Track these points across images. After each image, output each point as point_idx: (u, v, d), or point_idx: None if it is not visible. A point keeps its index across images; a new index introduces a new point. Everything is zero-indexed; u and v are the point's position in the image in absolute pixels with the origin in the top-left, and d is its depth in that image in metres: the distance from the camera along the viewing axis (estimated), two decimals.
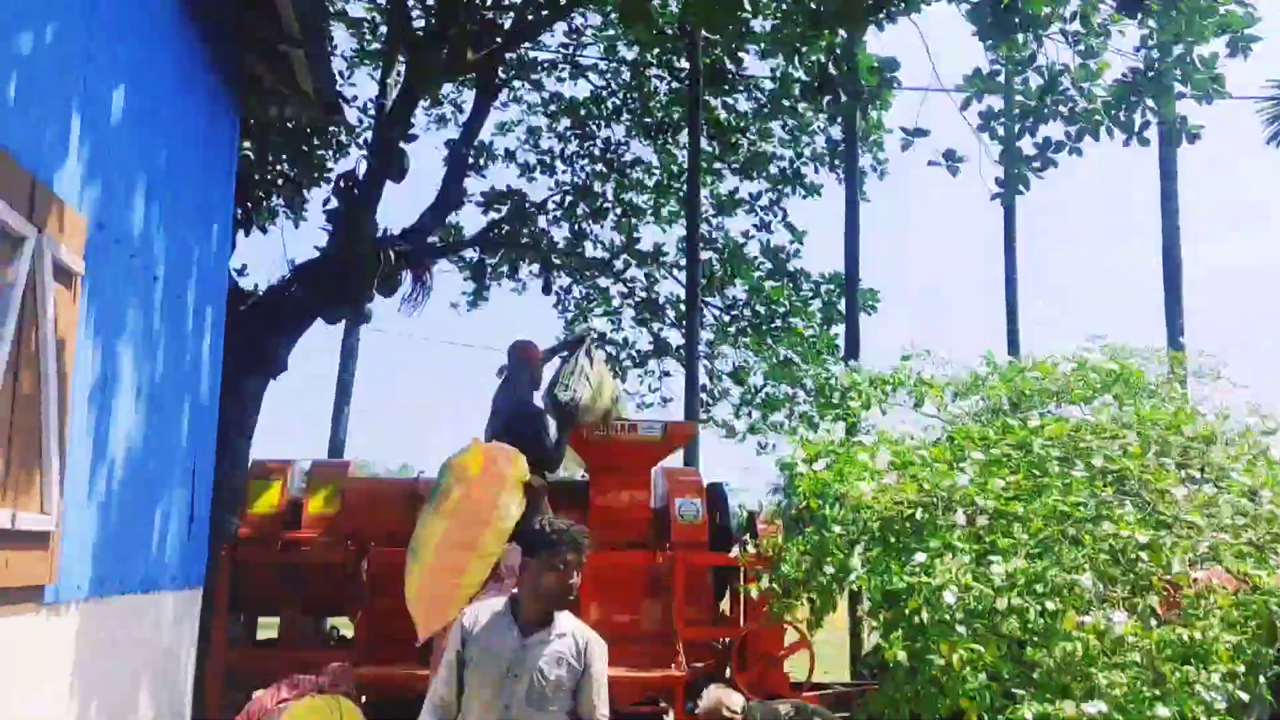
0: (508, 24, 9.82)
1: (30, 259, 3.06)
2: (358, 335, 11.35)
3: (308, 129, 9.65)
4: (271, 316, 8.62)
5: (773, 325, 14.23)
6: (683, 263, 13.54)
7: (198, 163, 5.22)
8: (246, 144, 8.59)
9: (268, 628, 8.11)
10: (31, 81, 3.33)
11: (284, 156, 9.75)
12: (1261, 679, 4.70)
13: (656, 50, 12.92)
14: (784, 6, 9.08)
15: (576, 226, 13.86)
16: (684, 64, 12.91)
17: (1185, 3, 7.06)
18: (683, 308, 13.53)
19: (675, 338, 14.96)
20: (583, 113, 13.93)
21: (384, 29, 11.42)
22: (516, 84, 14.04)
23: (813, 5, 8.07)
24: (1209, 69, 7.34)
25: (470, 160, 11.99)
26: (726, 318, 14.90)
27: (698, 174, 11.82)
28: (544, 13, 9.63)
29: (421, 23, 10.31)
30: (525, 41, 11.28)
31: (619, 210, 14.29)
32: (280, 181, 9.71)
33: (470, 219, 37.57)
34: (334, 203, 9.30)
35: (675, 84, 13.81)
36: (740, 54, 12.21)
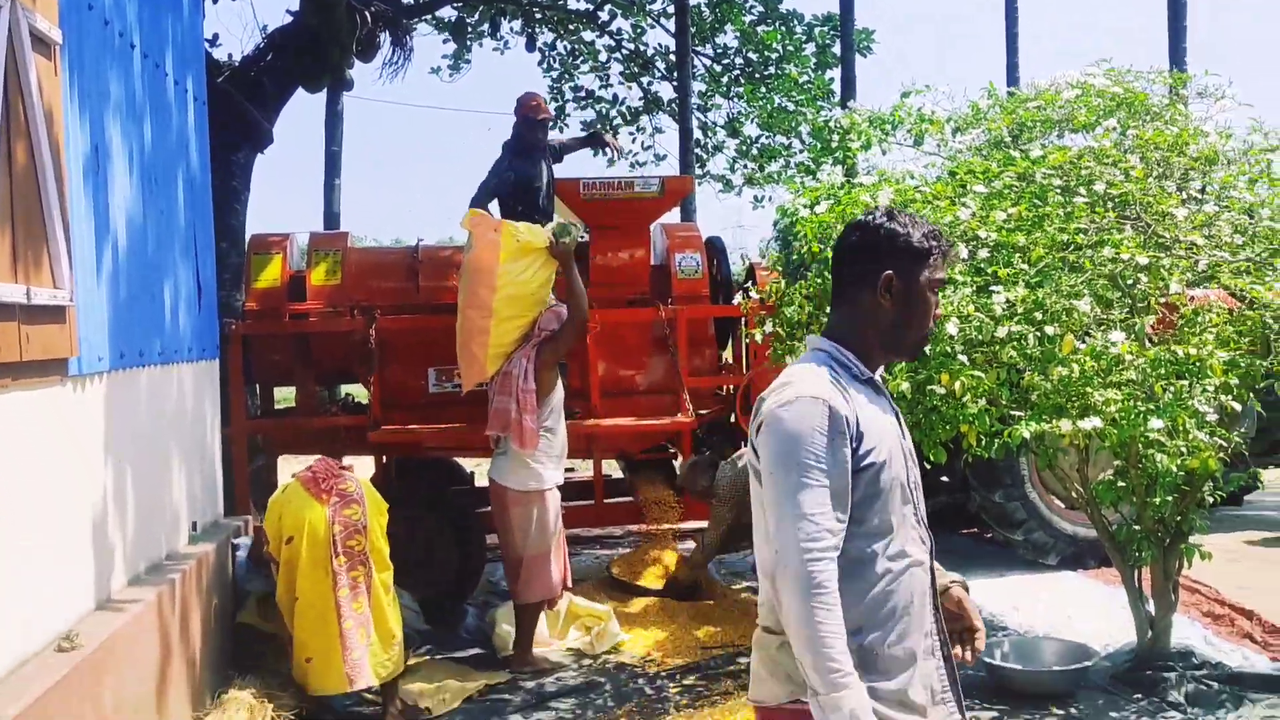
0: None
1: (7, 27, 2.94)
2: (342, 104, 11.06)
3: None
4: (251, 86, 8.40)
5: (766, 73, 13.83)
6: (670, 10, 13.01)
7: None
8: None
9: (284, 400, 8.35)
10: None
11: None
12: (1252, 395, 4.88)
13: None
14: None
15: None
16: None
17: None
18: (672, 59, 13.12)
19: (666, 91, 14.58)
20: None
21: None
22: None
23: None
24: None
25: None
26: (718, 68, 14.48)
27: None
28: None
29: None
30: None
31: None
32: None
33: None
34: None
35: None
36: None
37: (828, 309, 5.29)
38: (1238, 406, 4.28)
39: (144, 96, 4.53)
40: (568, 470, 8.45)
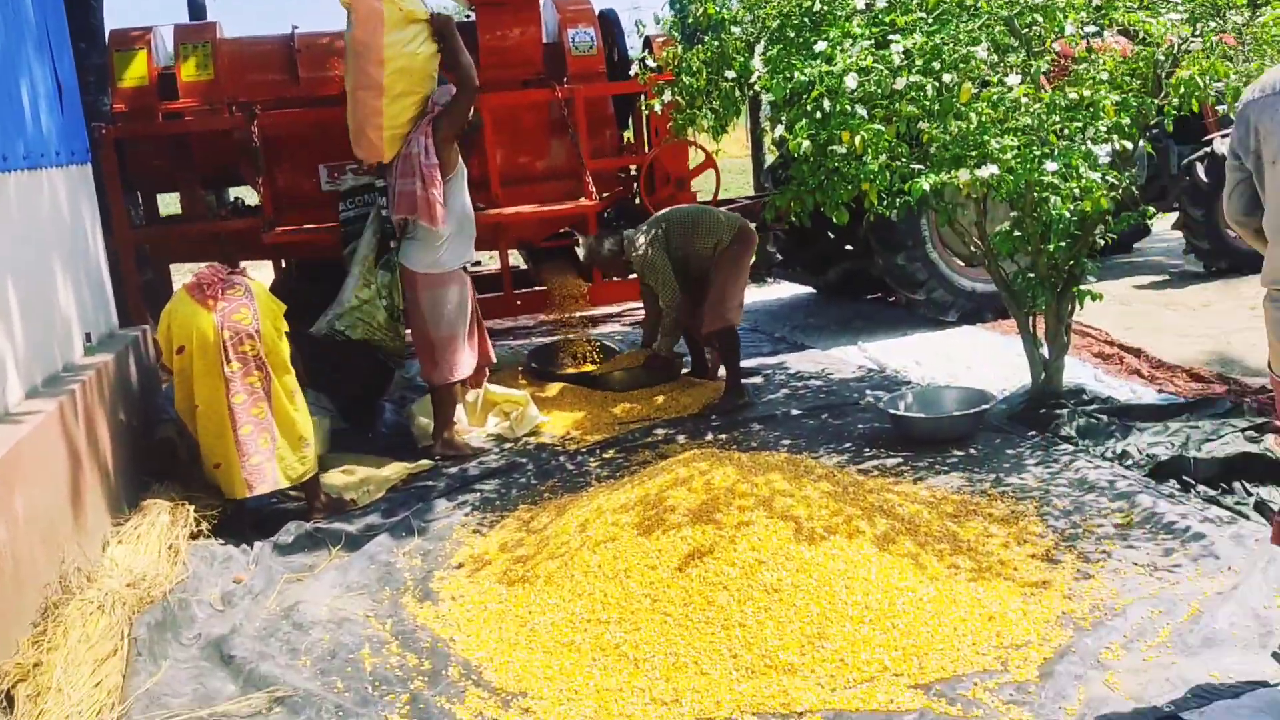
0: None
1: None
2: None
3: None
4: None
5: None
6: None
7: None
8: None
9: (170, 205, 8.00)
10: None
11: None
12: (1142, 141, 4.96)
13: None
14: None
15: None
16: None
17: None
18: None
19: None
20: None
21: None
22: None
23: None
24: None
25: None
26: None
27: None
28: None
29: None
30: None
31: None
32: None
33: None
34: None
35: None
36: None
37: (725, 73, 5.21)
38: (1129, 145, 4.35)
39: None
40: (475, 265, 8.34)
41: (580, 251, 6.46)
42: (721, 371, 6.38)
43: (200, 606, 3.88)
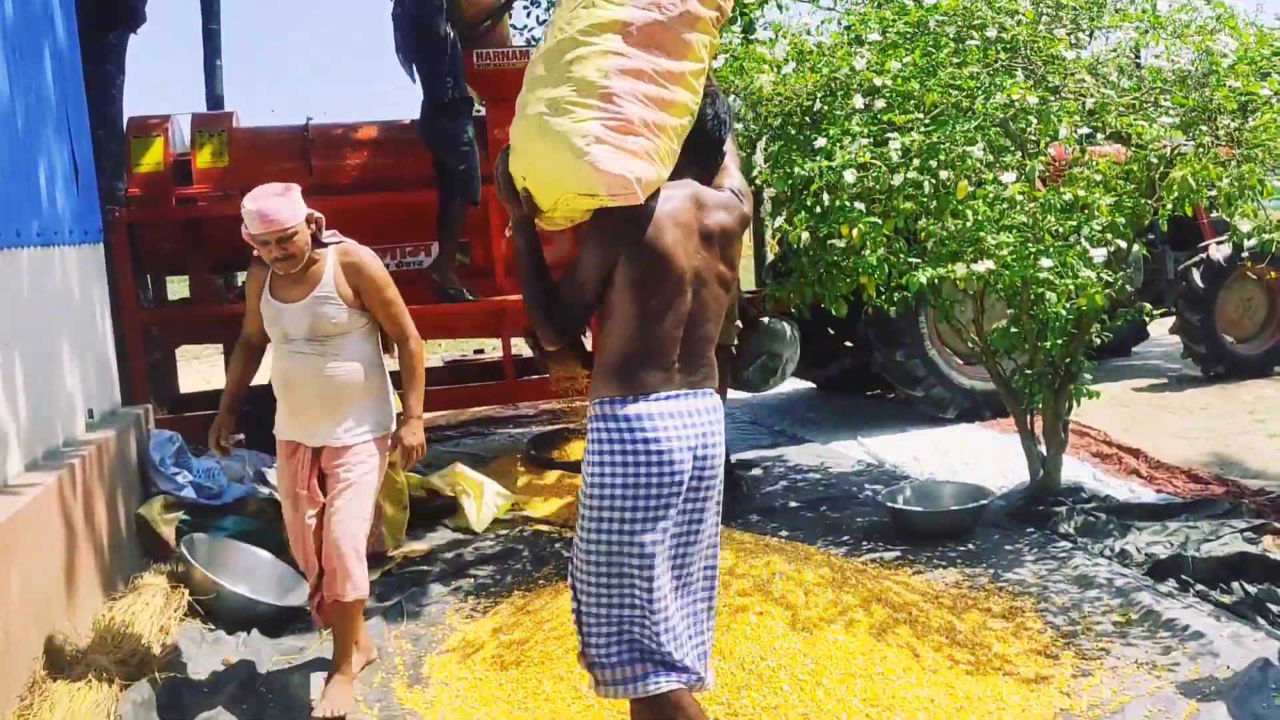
0: None
1: None
2: None
3: None
4: None
5: None
6: None
7: None
8: None
9: (177, 286, 8.10)
10: None
11: None
12: (1137, 246, 5.05)
13: None
14: None
15: None
16: None
17: None
18: None
19: None
20: None
21: None
22: None
23: None
24: None
25: None
26: None
27: None
28: None
29: None
30: None
31: None
32: None
33: None
34: None
35: None
36: None
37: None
38: (1123, 244, 4.43)
39: None
40: (478, 351, 8.39)
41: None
42: None
43: (188, 687, 3.83)
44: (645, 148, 2.40)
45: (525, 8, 10.50)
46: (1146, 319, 5.65)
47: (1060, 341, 5.05)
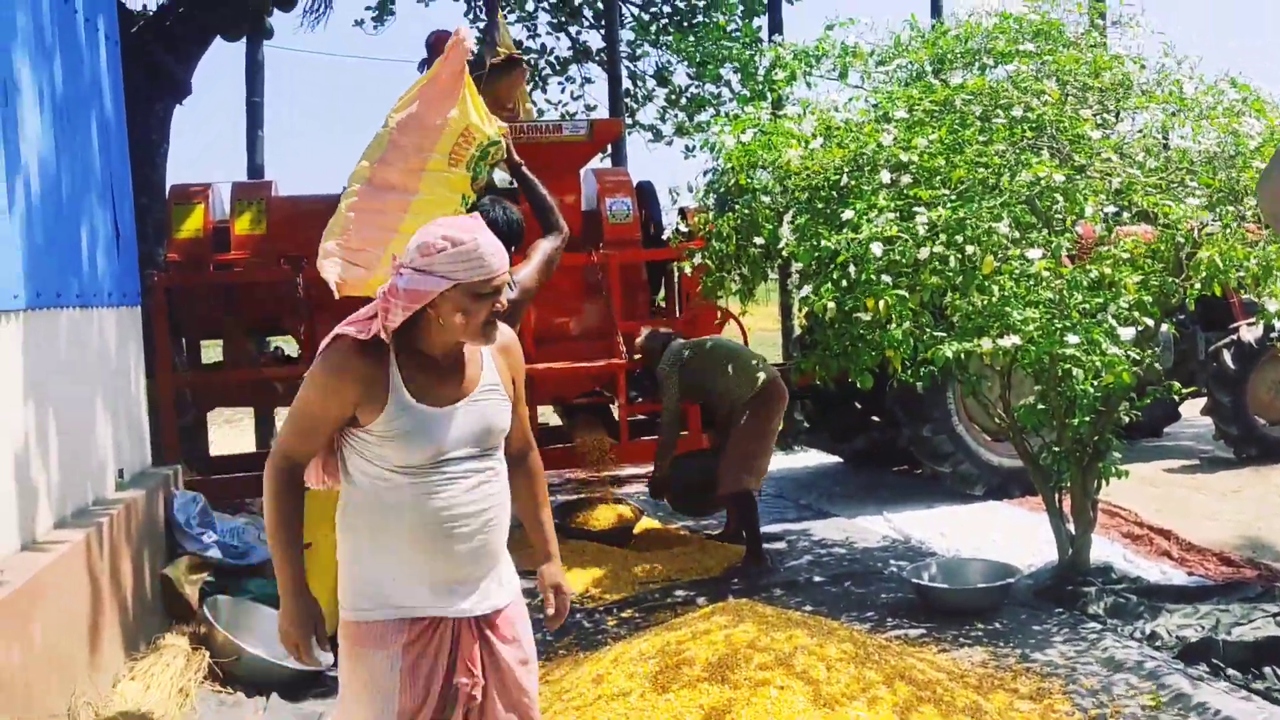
0: None
1: None
2: (262, 54, 10.80)
3: None
4: (167, 37, 8.18)
5: (694, 20, 13.79)
6: None
7: None
8: None
9: (211, 350, 8.22)
10: None
11: None
12: (1165, 326, 5.04)
13: None
14: None
15: None
16: None
17: None
18: (600, 7, 13.02)
19: (595, 40, 14.47)
20: None
21: None
22: None
23: None
24: None
25: None
26: (646, 16, 14.39)
27: None
28: None
29: None
30: None
31: None
32: None
33: None
34: None
35: None
36: None
37: (754, 238, 5.38)
38: (1150, 322, 4.42)
39: (53, 32, 4.40)
40: None
41: (638, 340, 6.56)
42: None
43: None
44: (364, 259, 3.86)
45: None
46: (1176, 397, 5.61)
47: (1088, 419, 5.02)
